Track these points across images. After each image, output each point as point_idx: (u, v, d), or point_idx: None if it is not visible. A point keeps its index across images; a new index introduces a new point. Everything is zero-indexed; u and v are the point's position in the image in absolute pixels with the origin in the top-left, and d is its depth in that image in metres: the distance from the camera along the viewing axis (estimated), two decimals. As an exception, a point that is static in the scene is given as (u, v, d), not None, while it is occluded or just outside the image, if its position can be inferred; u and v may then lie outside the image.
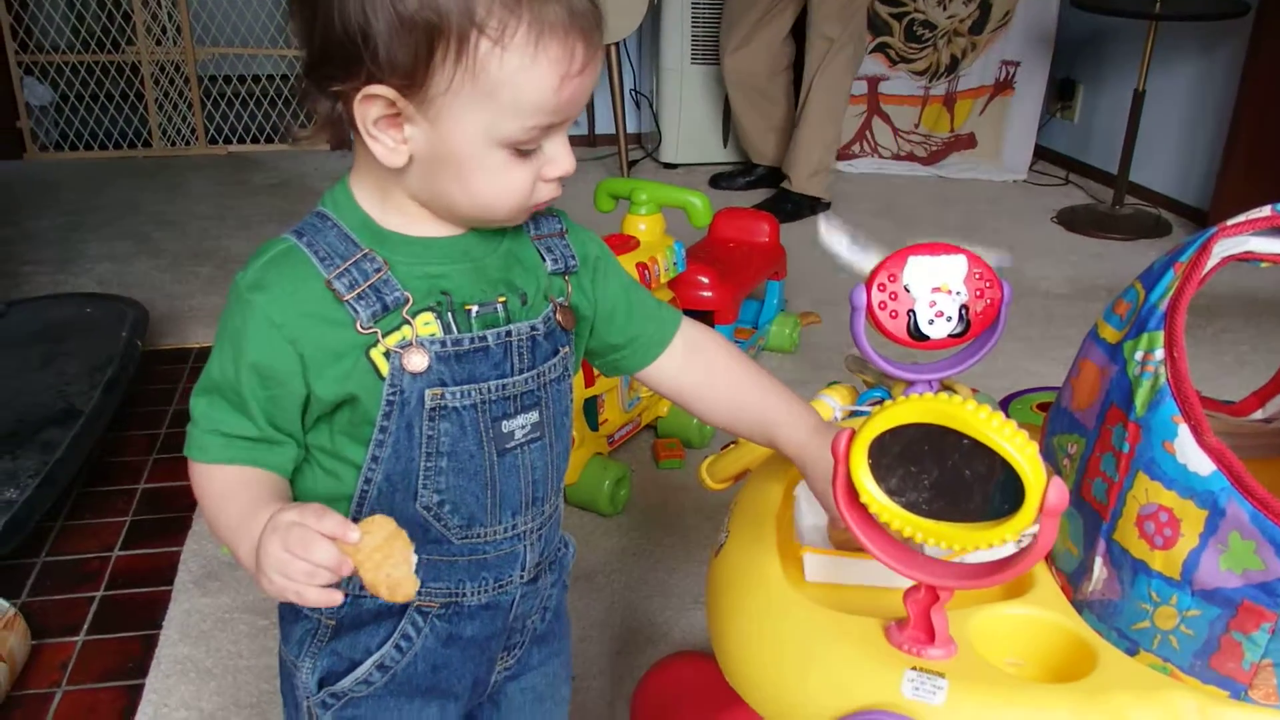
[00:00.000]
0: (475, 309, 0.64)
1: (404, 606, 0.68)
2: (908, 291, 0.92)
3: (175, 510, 1.55)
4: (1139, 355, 0.68)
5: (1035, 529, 0.59)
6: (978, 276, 0.93)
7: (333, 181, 0.67)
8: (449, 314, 0.63)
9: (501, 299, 0.65)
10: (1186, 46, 2.85)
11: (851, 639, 0.68)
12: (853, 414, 0.97)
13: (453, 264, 0.65)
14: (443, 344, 0.63)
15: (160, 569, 1.42)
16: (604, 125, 3.44)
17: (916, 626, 0.66)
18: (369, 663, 0.68)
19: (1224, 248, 0.69)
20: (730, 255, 1.96)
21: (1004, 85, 3.23)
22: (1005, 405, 1.68)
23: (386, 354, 0.62)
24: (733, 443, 0.98)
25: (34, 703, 1.20)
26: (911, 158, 3.31)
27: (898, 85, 3.23)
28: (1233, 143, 2.66)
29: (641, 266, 1.60)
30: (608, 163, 3.28)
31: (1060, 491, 0.57)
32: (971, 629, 0.69)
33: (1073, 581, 0.72)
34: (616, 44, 2.95)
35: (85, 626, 1.32)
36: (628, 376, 1.61)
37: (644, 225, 1.68)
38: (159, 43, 3.20)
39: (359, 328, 0.61)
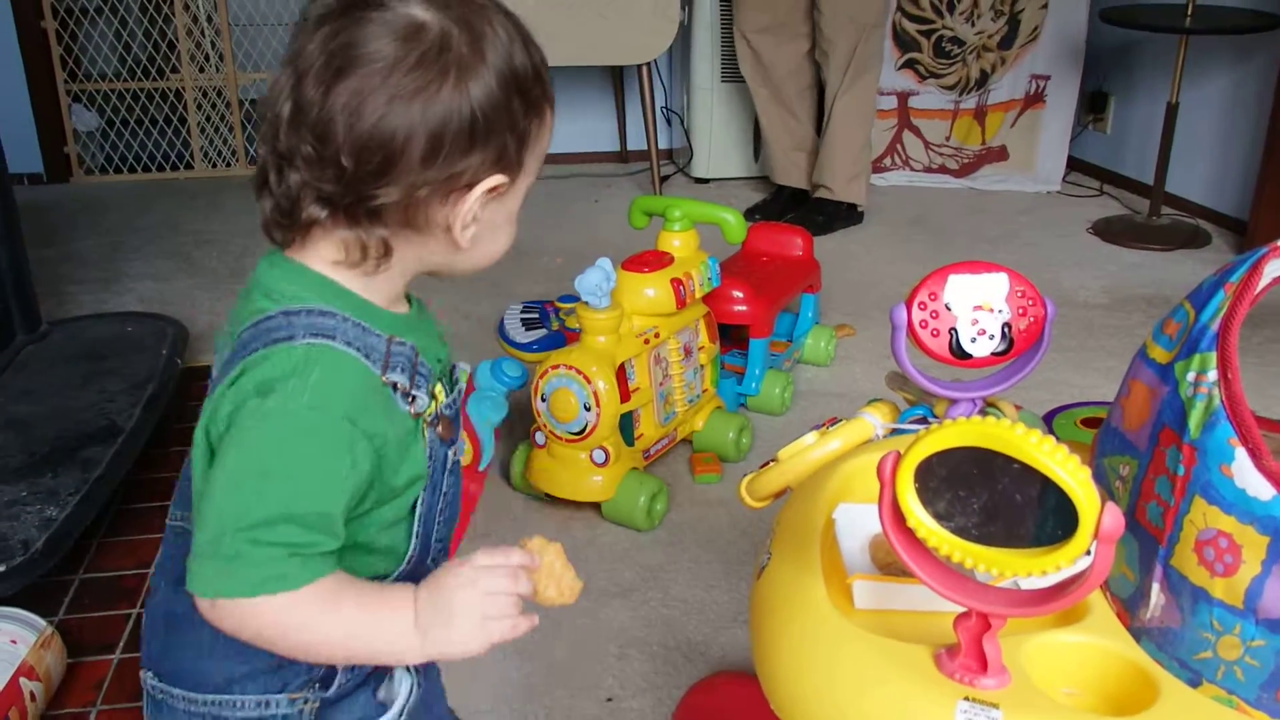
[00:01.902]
0: (447, 368, 0.69)
1: (374, 668, 0.69)
2: (949, 310, 0.91)
3: (214, 528, 1.56)
4: (1191, 376, 0.67)
5: (1090, 556, 0.58)
6: (1020, 294, 0.92)
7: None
8: (447, 379, 0.68)
9: (443, 357, 0.70)
10: (1218, 58, 2.81)
11: (902, 668, 0.67)
12: (894, 432, 0.96)
13: (428, 334, 0.68)
14: (449, 406, 0.67)
15: (199, 586, 1.43)
16: (636, 142, 3.45)
17: (968, 655, 0.65)
18: (395, 709, 0.70)
19: (1275, 268, 0.68)
20: (764, 269, 1.95)
21: (1034, 98, 3.20)
22: (1049, 420, 1.66)
23: (424, 431, 0.64)
24: (771, 460, 0.98)
25: (72, 722, 1.20)
26: (943, 170, 3.29)
27: (927, 100, 3.22)
28: (1270, 152, 2.62)
29: (676, 282, 1.59)
30: (640, 178, 3.29)
31: (1115, 518, 0.56)
32: (1025, 657, 0.67)
33: (1129, 608, 0.70)
34: (648, 64, 2.97)
35: (121, 645, 1.32)
36: (662, 392, 1.61)
37: (678, 241, 1.67)
38: (202, 69, 3.27)
39: (413, 412, 0.63)
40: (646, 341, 1.58)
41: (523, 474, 1.60)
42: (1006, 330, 0.91)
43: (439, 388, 0.66)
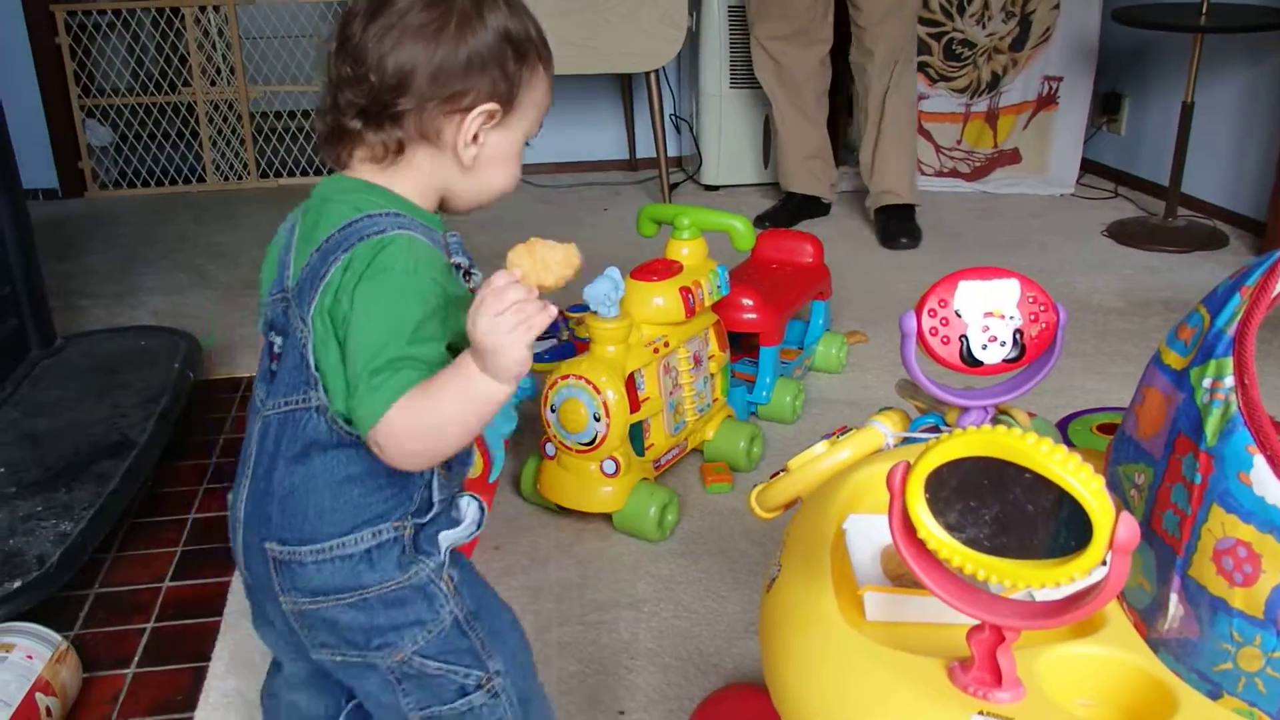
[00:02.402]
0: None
1: (452, 496, 0.85)
2: (959, 316, 0.90)
3: (226, 541, 1.54)
4: (1207, 382, 0.65)
5: (1105, 567, 0.56)
6: (1032, 300, 0.91)
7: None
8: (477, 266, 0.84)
9: None
10: (1234, 57, 2.79)
11: (914, 681, 0.66)
12: (906, 441, 0.95)
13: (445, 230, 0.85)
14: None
15: (210, 599, 1.42)
16: (645, 149, 3.45)
17: (982, 667, 0.64)
18: (468, 520, 0.86)
19: (1294, 269, 0.66)
20: (774, 277, 1.94)
21: (1047, 100, 3.19)
22: (1063, 426, 1.64)
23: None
24: (782, 470, 0.97)
25: (87, 736, 1.21)
26: (955, 174, 3.28)
27: (938, 103, 3.20)
28: (1289, 152, 2.59)
29: (685, 291, 1.59)
30: (649, 186, 3.29)
31: (1130, 528, 0.55)
32: (1040, 670, 0.66)
33: (1146, 619, 0.69)
34: (656, 71, 2.96)
35: (136, 659, 1.32)
36: (672, 401, 1.61)
37: (687, 250, 1.67)
38: (213, 83, 3.30)
39: (471, 287, 0.80)
40: (656, 351, 1.57)
41: (533, 485, 1.60)
42: (1018, 337, 0.89)
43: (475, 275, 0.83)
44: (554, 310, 0.71)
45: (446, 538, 0.84)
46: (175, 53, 3.24)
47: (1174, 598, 0.66)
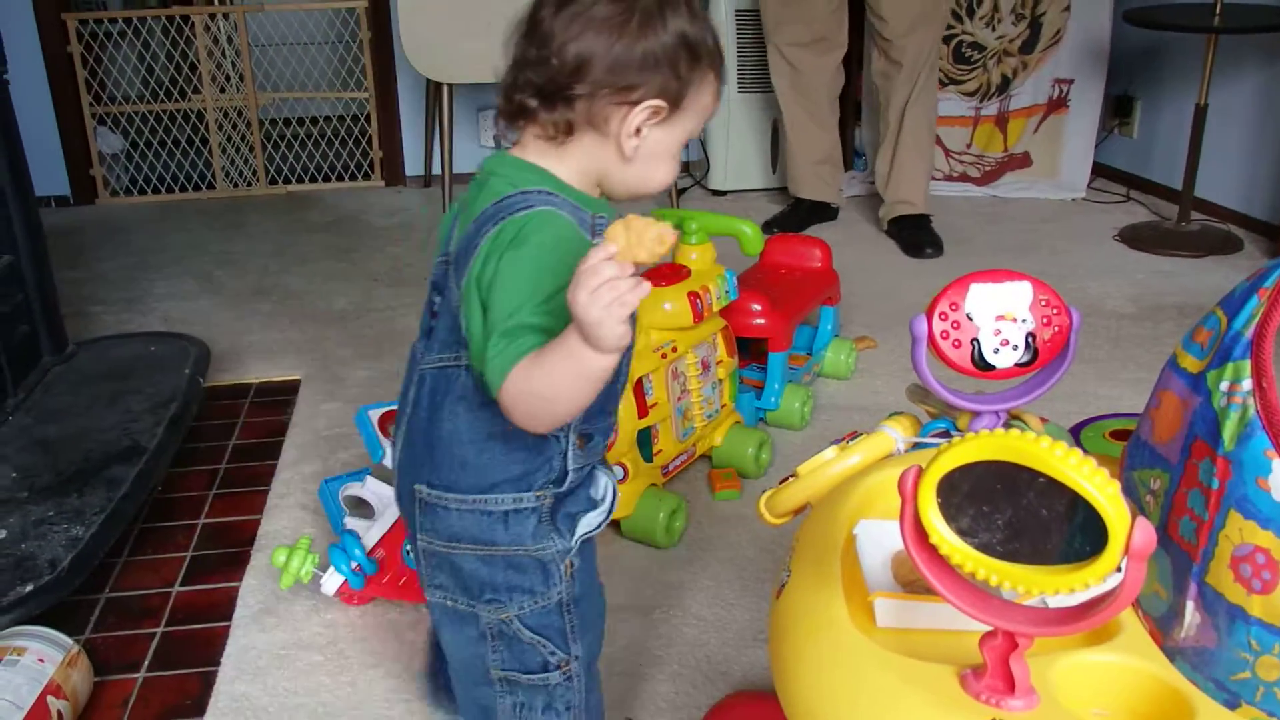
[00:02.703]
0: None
1: (591, 471, 0.91)
2: (970, 320, 0.89)
3: (234, 545, 1.56)
4: (1224, 386, 0.64)
5: (1120, 573, 0.56)
6: (1044, 303, 0.90)
7: (508, 168, 0.87)
8: None
9: None
10: (1248, 58, 2.77)
11: (926, 689, 0.65)
12: (916, 446, 0.94)
13: (612, 215, 0.87)
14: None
15: (219, 605, 1.43)
16: (653, 154, 3.45)
17: (994, 675, 0.63)
18: (605, 505, 0.91)
19: (1312, 271, 0.66)
20: (782, 282, 1.94)
21: (1058, 103, 3.17)
22: (1076, 433, 1.63)
23: None
24: (791, 475, 0.96)
25: (97, 741, 1.21)
26: (965, 178, 3.26)
27: (947, 106, 3.19)
28: (1303, 155, 2.57)
29: (693, 295, 1.58)
30: (657, 191, 3.29)
31: (1147, 533, 0.54)
32: (1054, 677, 0.65)
33: (1162, 626, 0.68)
34: (665, 74, 2.97)
35: (146, 663, 1.33)
36: (680, 407, 1.61)
37: (695, 254, 1.66)
38: (223, 90, 3.31)
39: None
40: (664, 356, 1.56)
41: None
42: (1030, 340, 0.89)
43: None
44: (647, 287, 0.73)
45: (585, 523, 0.90)
46: (185, 60, 3.26)
47: (1190, 605, 0.65)
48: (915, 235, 2.76)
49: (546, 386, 0.76)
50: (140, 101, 3.33)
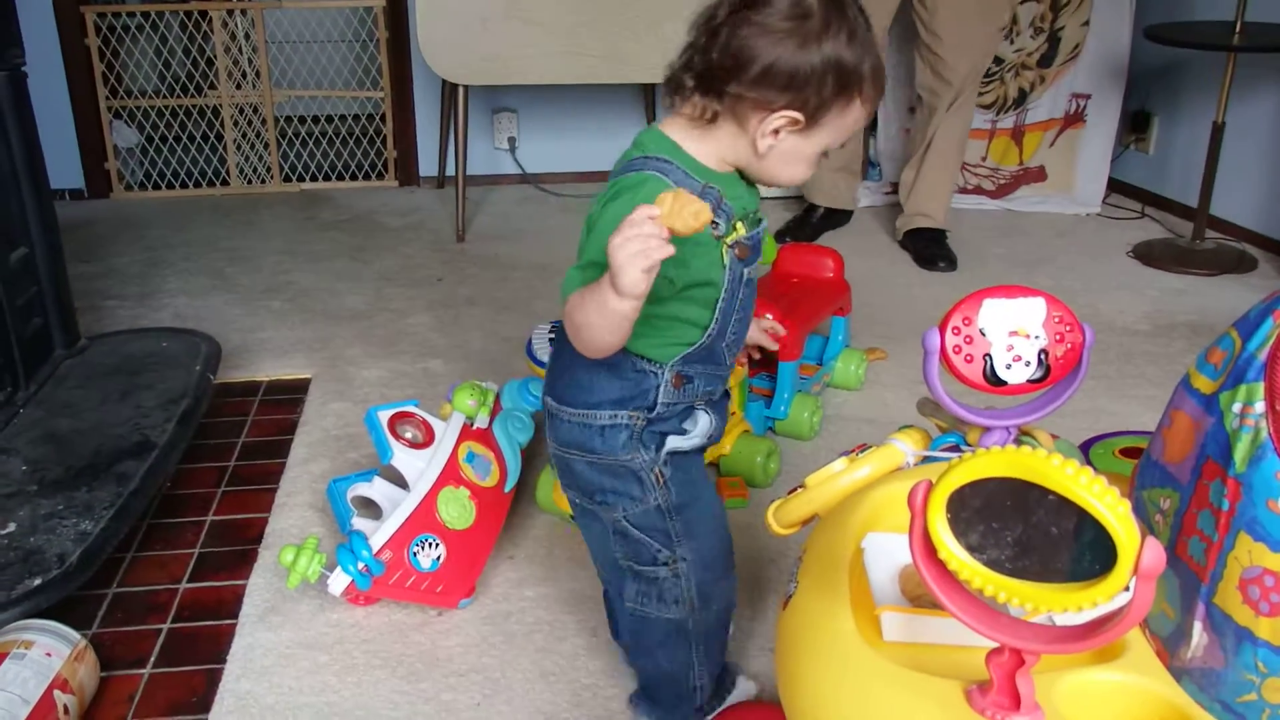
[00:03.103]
0: (752, 214, 1.01)
1: (691, 408, 1.05)
2: (983, 335, 0.89)
3: (242, 543, 1.56)
4: (1237, 407, 0.64)
5: (1129, 592, 0.55)
6: (1057, 320, 0.90)
7: (645, 137, 0.99)
8: (748, 219, 0.99)
9: (758, 209, 1.02)
10: (1266, 76, 2.76)
11: (932, 704, 0.65)
12: (926, 460, 0.94)
13: (743, 189, 1.00)
14: (749, 238, 0.99)
15: (226, 602, 1.43)
16: (667, 160, 3.45)
17: (1000, 691, 0.63)
18: (694, 432, 1.05)
19: (1328, 293, 0.65)
20: (794, 291, 1.93)
21: (1074, 118, 3.16)
22: (1086, 449, 1.62)
23: (725, 250, 0.97)
24: (799, 486, 0.96)
25: (101, 736, 1.21)
26: (979, 191, 3.26)
27: (965, 118, 3.19)
28: (1320, 175, 2.56)
29: (705, 304, 1.58)
30: (670, 197, 3.29)
31: (1156, 553, 0.54)
32: (1059, 695, 0.65)
33: (1169, 646, 0.68)
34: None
35: (152, 659, 1.33)
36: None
37: (708, 262, 1.66)
38: (239, 86, 3.31)
39: (714, 235, 0.96)
40: (676, 362, 1.56)
41: (549, 496, 1.59)
42: (1043, 357, 0.88)
43: (740, 224, 0.98)
44: (670, 249, 0.82)
45: (671, 442, 1.04)
46: (202, 55, 3.27)
47: (1198, 626, 0.65)
48: (930, 249, 2.75)
49: (580, 315, 0.90)
50: (156, 96, 3.34)
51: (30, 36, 1.84)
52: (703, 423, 1.06)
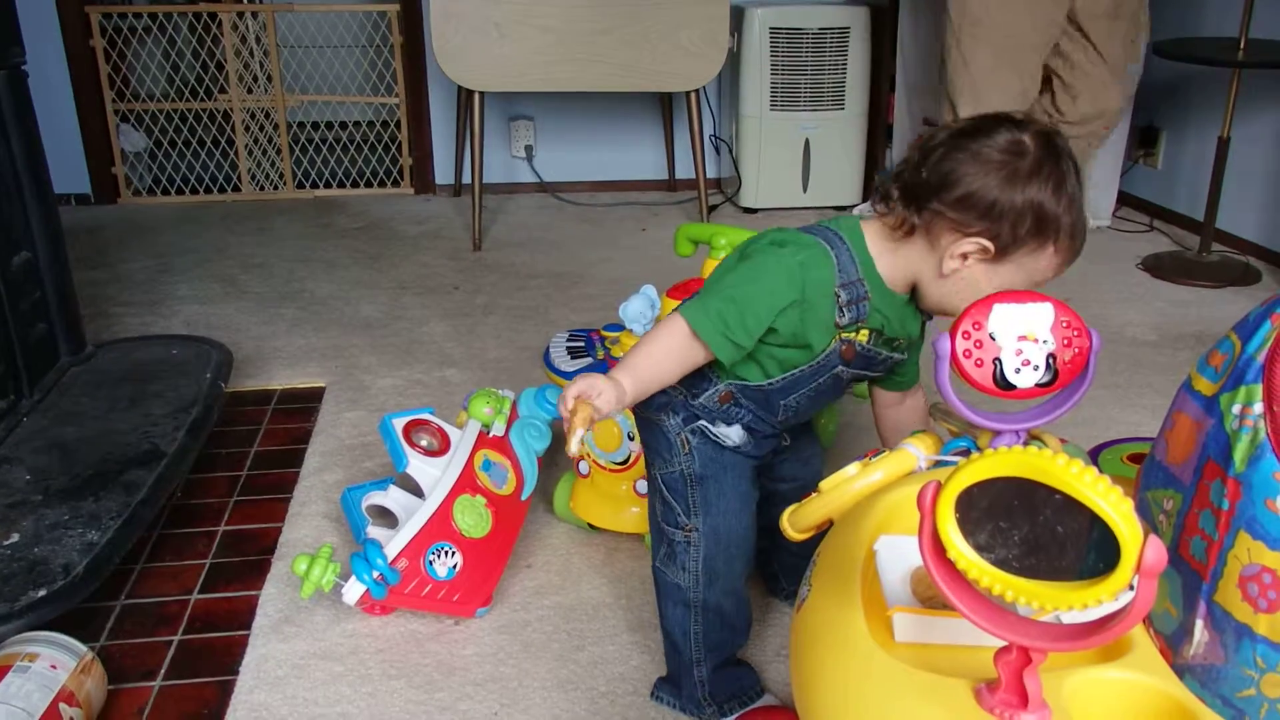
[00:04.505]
0: (886, 337, 1.05)
1: (731, 423, 1.12)
2: (993, 340, 0.90)
3: (255, 553, 1.54)
4: (1236, 409, 0.65)
5: (1133, 590, 0.56)
6: (1065, 325, 0.91)
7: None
8: (878, 337, 1.05)
9: (900, 340, 1.08)
10: (1271, 92, 2.77)
11: (942, 703, 0.65)
12: (938, 464, 0.95)
13: (895, 312, 1.05)
14: (863, 348, 1.05)
15: (238, 613, 1.41)
16: (684, 170, 3.46)
17: (1008, 689, 0.64)
18: (728, 436, 1.12)
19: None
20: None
21: (1083, 131, 3.17)
22: (1095, 455, 1.63)
23: (836, 339, 1.03)
24: (814, 491, 0.97)
25: (110, 750, 1.19)
26: (987, 203, 3.26)
27: (972, 131, 3.19)
28: (1327, 187, 2.56)
29: (715, 313, 1.59)
30: (687, 207, 3.30)
31: (1158, 551, 0.55)
32: (1066, 693, 0.66)
33: (1172, 644, 0.68)
34: (696, 91, 2.98)
35: (162, 671, 1.30)
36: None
37: (719, 271, 1.67)
38: (250, 91, 3.25)
39: (836, 323, 1.02)
40: (685, 370, 1.57)
41: (566, 504, 1.59)
42: (1051, 361, 0.89)
43: (865, 332, 1.04)
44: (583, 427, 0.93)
45: (699, 424, 1.12)
46: (212, 59, 3.20)
47: (1200, 623, 0.65)
48: None
49: (658, 343, 1.02)
50: (165, 100, 3.28)
51: (32, 37, 1.79)
52: (736, 435, 1.12)
